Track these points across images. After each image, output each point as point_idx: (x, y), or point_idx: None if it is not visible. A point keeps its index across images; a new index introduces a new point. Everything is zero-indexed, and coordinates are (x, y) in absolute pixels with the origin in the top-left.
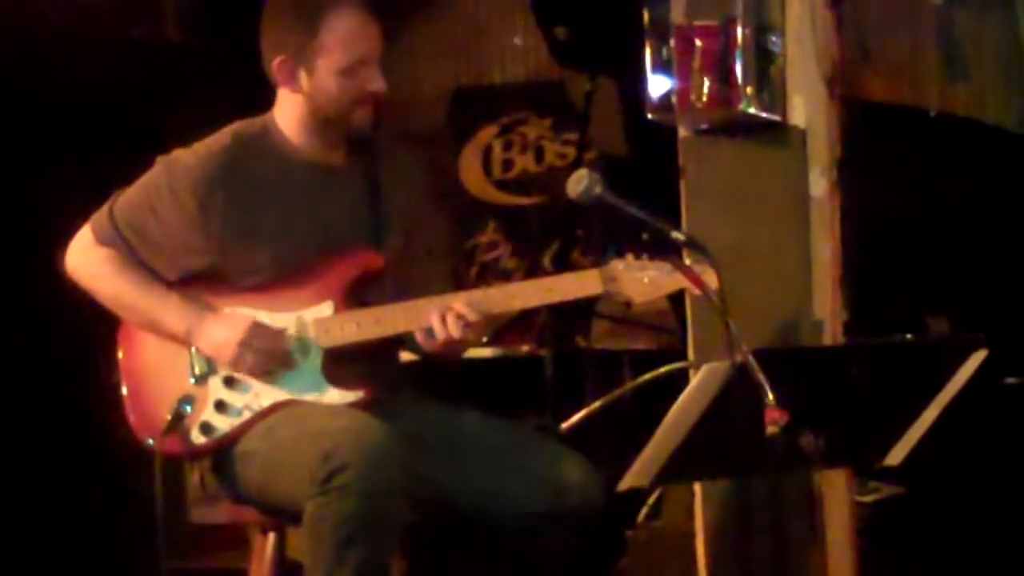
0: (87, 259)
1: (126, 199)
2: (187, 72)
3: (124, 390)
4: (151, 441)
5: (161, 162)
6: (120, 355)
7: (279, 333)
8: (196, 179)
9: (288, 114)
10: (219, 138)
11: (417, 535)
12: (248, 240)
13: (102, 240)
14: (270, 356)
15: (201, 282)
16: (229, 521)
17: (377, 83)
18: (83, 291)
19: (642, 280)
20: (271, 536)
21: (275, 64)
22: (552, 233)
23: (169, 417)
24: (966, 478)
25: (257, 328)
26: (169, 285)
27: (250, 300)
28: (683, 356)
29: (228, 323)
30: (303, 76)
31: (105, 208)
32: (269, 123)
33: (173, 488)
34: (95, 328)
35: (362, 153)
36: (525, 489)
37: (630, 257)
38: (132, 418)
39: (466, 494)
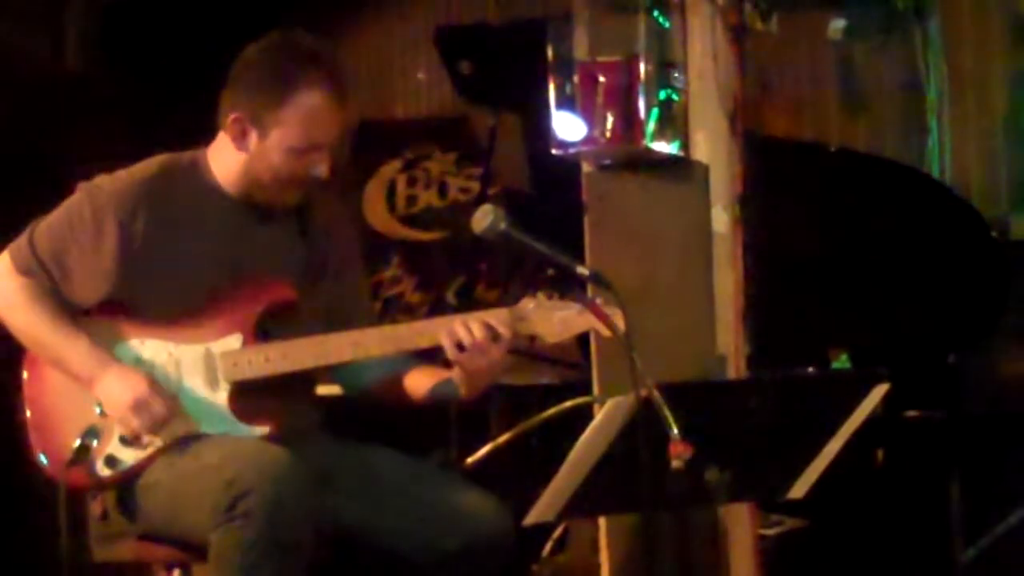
0: (3, 288)
1: (46, 226)
2: (88, 102)
3: (28, 414)
4: (47, 465)
5: (83, 188)
6: (25, 377)
7: (172, 400)
8: (119, 203)
9: (223, 162)
10: (145, 166)
11: (325, 573)
12: (164, 267)
13: (21, 269)
14: (156, 424)
15: (116, 310)
16: (132, 559)
17: (321, 169)
18: None
19: (553, 320)
20: (176, 573)
21: (230, 118)
22: (456, 268)
23: (75, 447)
24: (868, 511)
25: (153, 389)
26: (85, 312)
27: (161, 331)
28: (588, 390)
29: (126, 382)
30: (253, 139)
31: (24, 236)
32: (200, 159)
33: (78, 523)
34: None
35: None
36: (432, 525)
37: (541, 296)
38: (35, 445)
39: (373, 530)
